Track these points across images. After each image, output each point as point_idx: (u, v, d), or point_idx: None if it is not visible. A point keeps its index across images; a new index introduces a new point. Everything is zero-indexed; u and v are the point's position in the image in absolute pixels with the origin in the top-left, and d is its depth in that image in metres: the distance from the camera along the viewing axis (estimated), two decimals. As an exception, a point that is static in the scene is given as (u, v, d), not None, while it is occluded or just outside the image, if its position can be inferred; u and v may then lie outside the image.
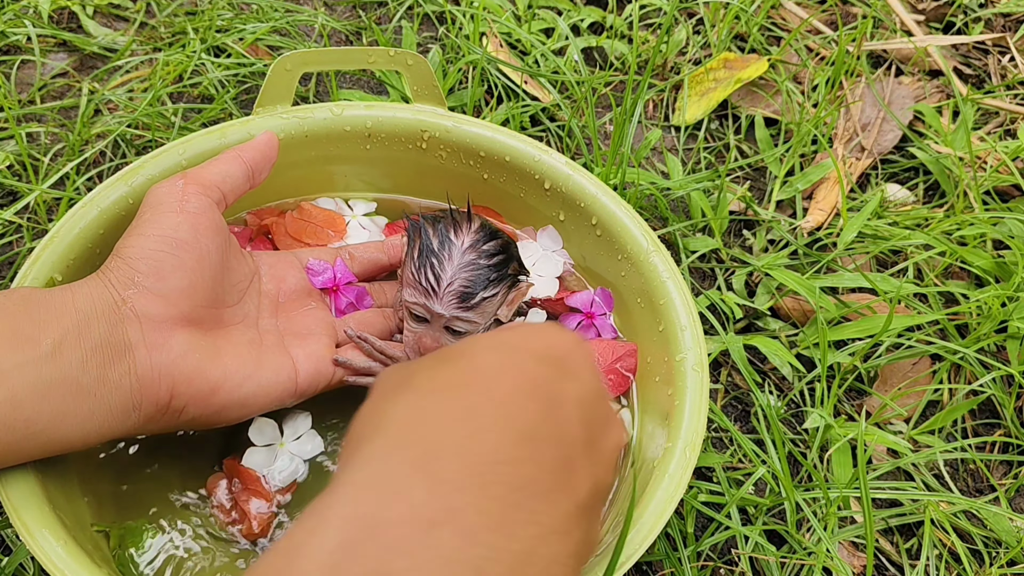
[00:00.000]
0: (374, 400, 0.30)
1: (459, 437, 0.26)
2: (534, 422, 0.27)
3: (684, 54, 0.80)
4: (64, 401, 0.36)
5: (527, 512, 0.25)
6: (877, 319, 0.60)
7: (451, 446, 0.25)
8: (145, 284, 0.39)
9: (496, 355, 0.30)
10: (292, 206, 0.56)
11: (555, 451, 0.27)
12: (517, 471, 0.25)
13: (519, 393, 0.28)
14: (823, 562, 0.49)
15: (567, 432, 0.28)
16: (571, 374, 0.30)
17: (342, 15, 0.81)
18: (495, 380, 0.28)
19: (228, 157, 0.45)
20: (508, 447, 0.26)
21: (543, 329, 0.32)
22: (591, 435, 0.30)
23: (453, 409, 0.27)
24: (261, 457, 0.45)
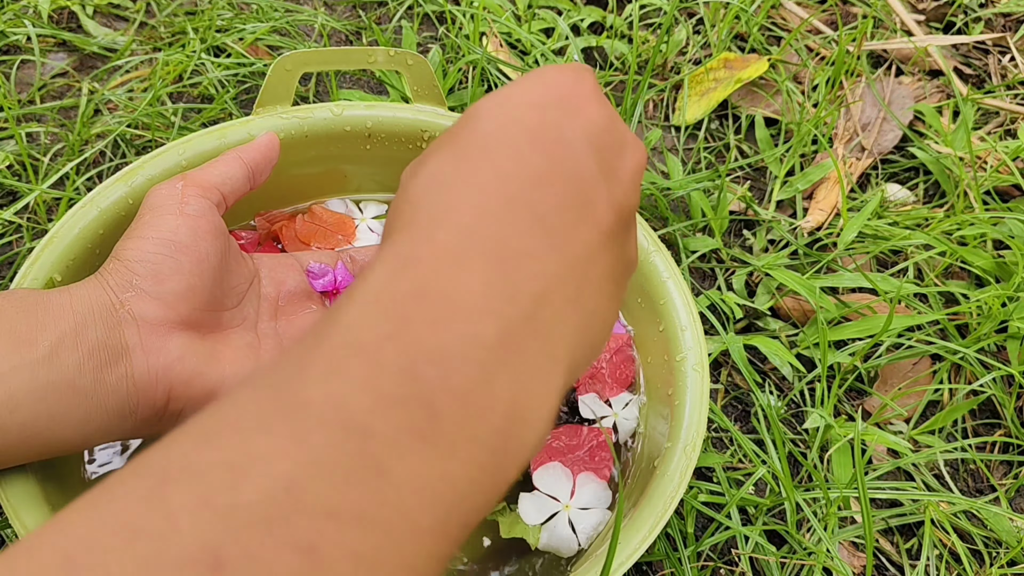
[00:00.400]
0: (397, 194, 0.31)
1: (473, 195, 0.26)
2: (540, 168, 0.28)
3: (684, 54, 0.80)
4: (61, 404, 0.36)
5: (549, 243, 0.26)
6: (877, 319, 0.60)
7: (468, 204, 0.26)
8: (143, 287, 0.39)
9: (494, 117, 0.29)
10: (304, 210, 0.56)
11: (567, 188, 0.28)
12: (534, 209, 0.26)
13: (520, 146, 0.28)
14: (823, 562, 0.49)
15: (578, 168, 0.28)
16: (574, 110, 0.30)
17: (342, 15, 0.81)
18: (496, 141, 0.28)
19: (228, 159, 0.45)
20: (521, 192, 0.27)
21: (541, 74, 0.31)
22: (606, 164, 0.30)
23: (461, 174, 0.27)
24: None
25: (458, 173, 0.28)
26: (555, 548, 0.44)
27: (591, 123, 0.30)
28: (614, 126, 0.31)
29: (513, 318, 0.24)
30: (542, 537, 0.44)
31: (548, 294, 0.25)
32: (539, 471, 0.46)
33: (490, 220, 0.26)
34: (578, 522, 0.45)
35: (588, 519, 0.45)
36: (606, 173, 0.29)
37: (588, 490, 0.46)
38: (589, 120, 0.30)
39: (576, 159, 0.29)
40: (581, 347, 0.27)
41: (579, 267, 0.27)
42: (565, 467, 0.47)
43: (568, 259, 0.27)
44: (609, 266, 0.29)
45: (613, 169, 0.30)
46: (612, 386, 0.50)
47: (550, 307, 0.25)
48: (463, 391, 0.22)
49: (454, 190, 0.27)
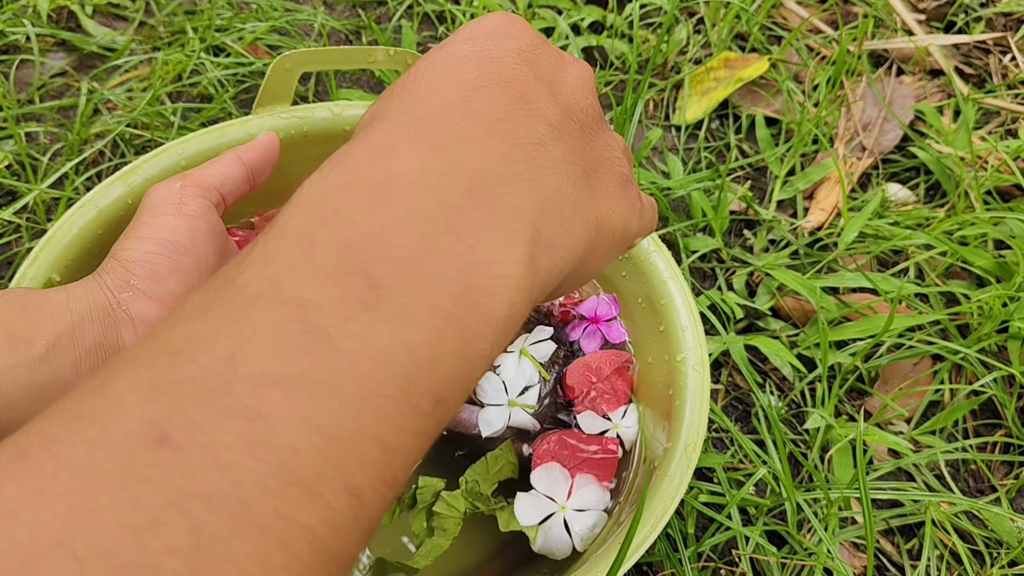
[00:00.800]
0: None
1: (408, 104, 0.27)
2: (472, 78, 0.28)
3: (684, 53, 0.80)
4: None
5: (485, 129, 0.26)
6: (878, 319, 0.60)
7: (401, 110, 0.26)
8: (140, 287, 0.39)
9: (428, 58, 0.30)
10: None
11: (504, 91, 0.28)
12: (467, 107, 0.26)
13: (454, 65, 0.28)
14: (824, 563, 0.49)
15: (512, 75, 0.28)
16: (503, 35, 0.30)
17: (342, 14, 0.81)
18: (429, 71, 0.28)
19: (227, 159, 0.45)
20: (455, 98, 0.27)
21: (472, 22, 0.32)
22: (541, 73, 0.30)
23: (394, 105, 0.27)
24: None
25: (392, 102, 0.28)
26: (549, 550, 0.44)
27: (521, 42, 0.30)
28: (546, 46, 0.31)
29: (454, 190, 0.24)
30: (538, 539, 0.44)
31: (494, 168, 0.25)
32: (537, 471, 0.46)
33: (424, 119, 0.26)
34: (573, 524, 0.44)
35: (584, 521, 0.44)
36: (544, 76, 0.29)
37: (585, 492, 0.46)
38: (519, 40, 0.30)
39: (509, 69, 0.28)
40: (546, 223, 0.26)
41: (527, 149, 0.26)
42: (564, 468, 0.46)
43: (512, 141, 0.26)
44: (567, 152, 0.28)
45: (551, 77, 0.30)
46: (610, 402, 0.50)
47: (498, 181, 0.25)
48: (404, 261, 0.22)
49: (389, 109, 0.27)
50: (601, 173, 0.30)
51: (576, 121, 0.30)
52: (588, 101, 0.31)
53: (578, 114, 0.30)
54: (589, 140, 0.30)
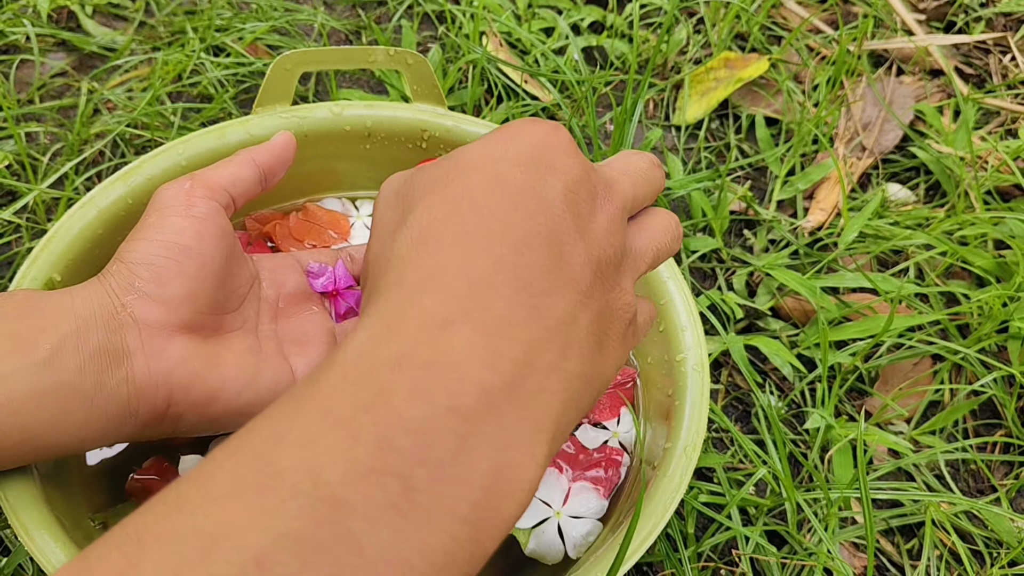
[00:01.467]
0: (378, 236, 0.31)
1: (460, 256, 0.27)
2: (524, 230, 0.29)
3: (684, 53, 0.80)
4: (61, 407, 0.36)
5: (532, 308, 0.27)
6: (878, 319, 0.60)
7: (454, 265, 0.27)
8: (145, 290, 0.39)
9: (482, 173, 0.30)
10: (299, 207, 0.56)
11: (548, 251, 0.29)
12: (518, 275, 0.27)
13: (507, 206, 0.29)
14: (824, 563, 0.49)
15: (557, 228, 0.29)
16: (553, 168, 0.31)
17: (342, 14, 0.81)
18: (484, 198, 0.29)
19: (240, 160, 0.44)
20: (506, 257, 0.27)
21: (519, 129, 0.32)
22: (581, 219, 0.31)
23: (451, 233, 0.28)
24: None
25: (447, 230, 0.28)
26: (541, 555, 0.44)
27: (567, 178, 0.31)
28: (587, 178, 0.32)
29: (494, 387, 0.24)
30: (530, 543, 0.44)
31: (530, 361, 0.26)
32: None
33: (476, 286, 0.26)
34: (568, 530, 0.44)
35: (578, 528, 0.44)
36: (581, 228, 0.30)
37: (582, 499, 0.45)
38: (566, 175, 0.31)
39: (555, 219, 0.29)
40: (567, 412, 0.27)
41: (560, 330, 0.27)
42: (562, 474, 0.46)
43: (549, 323, 0.27)
44: (591, 324, 0.29)
45: (588, 223, 0.31)
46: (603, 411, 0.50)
47: (532, 375, 0.25)
48: (440, 463, 0.22)
49: (442, 250, 0.28)
50: (611, 329, 0.31)
51: (601, 277, 0.31)
52: (615, 246, 0.32)
53: (604, 267, 0.31)
54: (608, 293, 0.31)
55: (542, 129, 0.32)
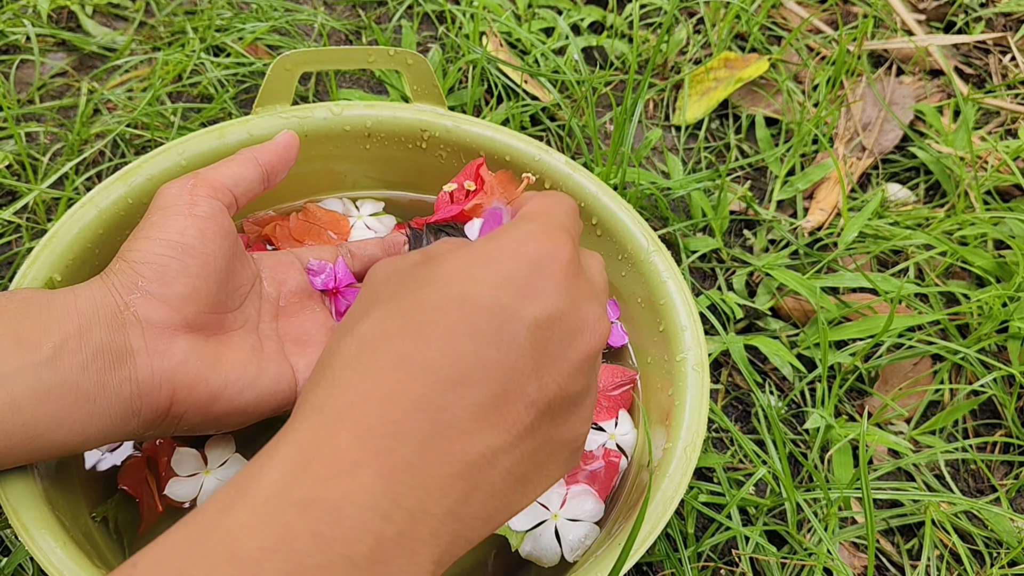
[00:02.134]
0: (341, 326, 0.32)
1: (387, 386, 0.28)
2: (465, 364, 0.28)
3: (684, 53, 0.80)
4: (63, 406, 0.36)
5: (442, 452, 0.27)
6: (878, 319, 0.60)
7: (377, 396, 0.27)
8: (149, 289, 0.39)
9: (447, 290, 0.30)
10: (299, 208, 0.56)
11: (488, 386, 0.28)
12: (437, 417, 0.27)
13: (459, 333, 0.29)
14: (824, 563, 0.49)
15: (510, 363, 0.29)
16: (533, 296, 0.30)
17: (342, 14, 0.81)
18: (436, 318, 0.29)
19: (243, 159, 0.44)
20: (432, 394, 0.28)
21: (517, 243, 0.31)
22: (548, 352, 0.30)
23: (387, 356, 0.28)
24: (186, 488, 0.45)
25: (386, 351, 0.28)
26: (537, 557, 0.44)
27: (546, 311, 0.30)
28: (573, 311, 0.31)
29: (387, 536, 0.25)
30: (526, 545, 0.44)
31: (426, 509, 0.26)
32: None
33: (391, 425, 0.27)
34: (565, 533, 0.44)
35: (575, 531, 0.44)
36: (542, 367, 0.29)
37: (579, 502, 0.45)
38: (545, 307, 0.30)
39: (512, 354, 0.29)
40: (455, 550, 0.28)
41: (468, 476, 0.28)
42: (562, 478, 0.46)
43: (456, 469, 0.27)
44: (514, 464, 0.29)
45: (553, 361, 0.30)
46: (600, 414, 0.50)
47: (427, 522, 0.26)
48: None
49: (372, 375, 0.28)
50: (546, 463, 0.31)
51: (549, 415, 0.30)
52: (580, 384, 0.31)
53: (557, 406, 0.30)
54: (554, 430, 0.30)
55: (543, 246, 0.31)
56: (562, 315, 0.30)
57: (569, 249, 0.31)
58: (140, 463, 0.45)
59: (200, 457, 0.45)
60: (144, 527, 0.44)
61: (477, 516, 0.28)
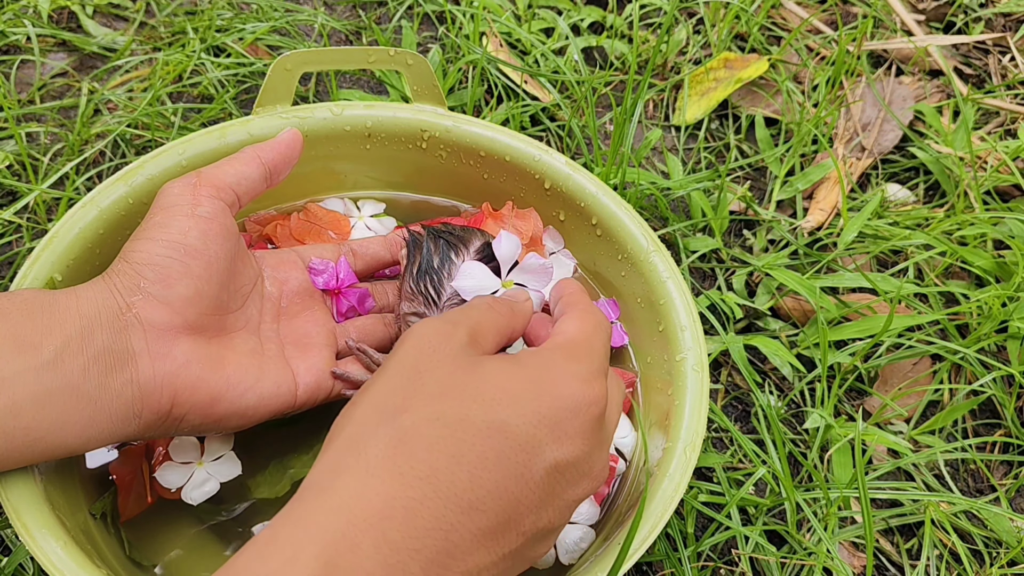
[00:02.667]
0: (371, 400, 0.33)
1: (415, 500, 0.29)
2: (484, 491, 0.31)
3: (684, 54, 0.80)
4: (64, 408, 0.36)
5: (443, 569, 0.29)
6: (877, 319, 0.60)
7: (403, 509, 0.29)
8: (151, 291, 0.38)
9: (489, 411, 0.32)
10: (300, 208, 0.56)
11: (497, 516, 0.31)
12: (447, 537, 0.30)
13: (488, 461, 0.31)
14: (823, 562, 0.49)
15: (523, 497, 0.31)
16: (561, 439, 0.33)
17: (342, 15, 0.81)
18: (474, 441, 0.31)
19: (245, 158, 0.44)
20: (449, 514, 0.30)
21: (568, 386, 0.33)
22: (551, 494, 0.33)
23: (423, 465, 0.30)
24: (175, 475, 0.45)
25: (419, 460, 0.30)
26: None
27: (567, 456, 0.33)
28: (587, 458, 0.34)
29: None
30: None
31: None
32: None
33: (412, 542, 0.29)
34: (561, 536, 0.44)
35: (572, 534, 0.44)
36: (546, 503, 0.33)
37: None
38: (568, 452, 0.33)
39: (526, 489, 0.31)
40: None
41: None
42: None
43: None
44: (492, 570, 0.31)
45: (555, 498, 0.33)
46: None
47: None
48: None
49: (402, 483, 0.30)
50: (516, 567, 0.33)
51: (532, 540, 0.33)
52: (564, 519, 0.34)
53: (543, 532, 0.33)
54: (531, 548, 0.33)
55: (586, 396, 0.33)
56: (578, 461, 0.33)
57: (603, 402, 0.34)
58: (137, 451, 0.46)
59: (198, 447, 0.46)
60: (127, 515, 0.44)
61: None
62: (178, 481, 0.45)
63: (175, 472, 0.45)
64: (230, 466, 0.46)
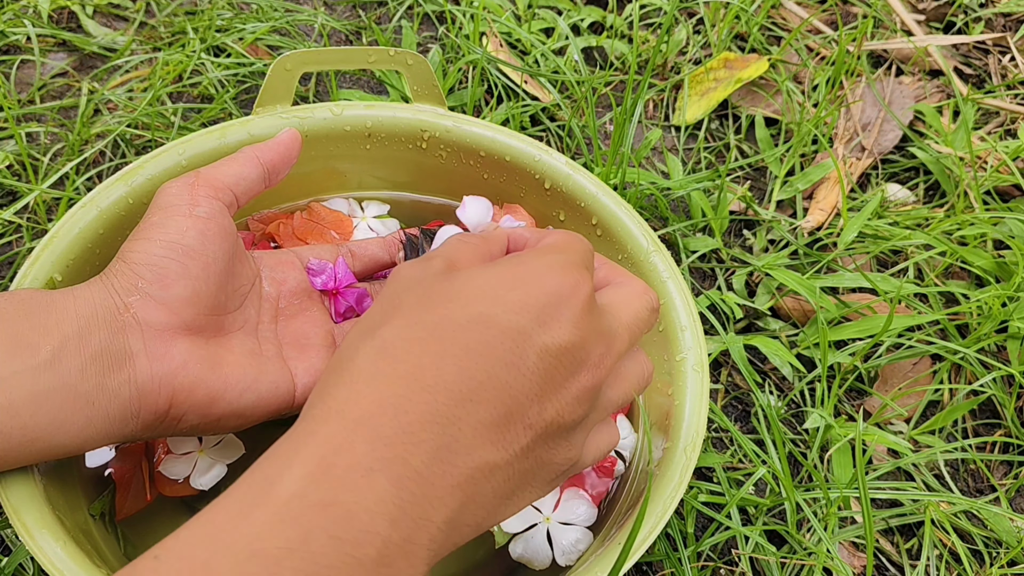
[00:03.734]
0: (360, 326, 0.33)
1: (403, 396, 0.29)
2: (478, 381, 0.30)
3: (684, 54, 0.80)
4: (62, 409, 0.36)
5: (448, 464, 0.29)
6: (877, 319, 0.60)
7: (393, 405, 0.29)
8: (148, 291, 0.38)
9: (469, 308, 0.31)
10: (303, 207, 0.56)
11: (495, 408, 0.30)
12: (446, 430, 0.29)
13: (475, 351, 0.30)
14: (823, 562, 0.49)
15: (518, 386, 0.31)
16: (549, 325, 0.32)
17: (342, 15, 0.81)
18: (456, 335, 0.31)
19: (244, 158, 0.44)
20: (442, 407, 0.29)
21: (541, 273, 0.33)
22: (552, 380, 0.32)
23: (406, 365, 0.30)
24: (180, 466, 0.45)
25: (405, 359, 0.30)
26: (528, 560, 0.44)
27: (558, 340, 0.32)
28: (581, 345, 0.33)
29: (392, 542, 0.27)
30: (517, 547, 0.44)
31: (429, 517, 0.28)
32: None
33: (404, 435, 0.28)
34: (557, 537, 0.44)
35: (568, 535, 0.44)
36: (546, 393, 0.32)
37: (572, 506, 0.45)
38: (559, 337, 0.32)
39: (520, 378, 0.31)
40: (442, 551, 0.30)
41: (468, 487, 0.30)
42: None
43: (459, 480, 0.29)
44: (507, 480, 0.31)
45: (557, 389, 0.32)
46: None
47: (427, 528, 0.28)
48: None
49: (390, 382, 0.29)
50: (534, 480, 0.33)
51: (544, 439, 0.32)
52: (577, 413, 0.33)
53: (553, 431, 0.32)
54: (547, 452, 0.33)
55: (566, 280, 0.33)
56: (571, 347, 0.32)
57: (588, 287, 0.33)
58: (136, 449, 0.46)
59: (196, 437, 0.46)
60: (125, 513, 0.44)
61: (468, 524, 0.30)
62: (184, 471, 0.45)
63: (178, 463, 0.45)
64: (232, 448, 0.46)
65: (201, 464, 0.45)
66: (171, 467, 0.45)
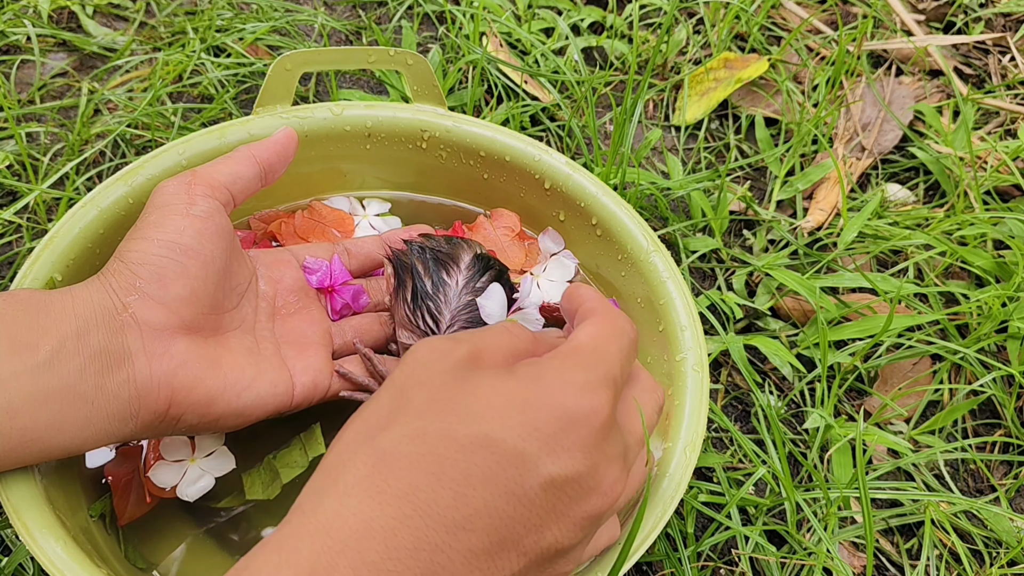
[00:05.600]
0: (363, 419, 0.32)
1: (394, 519, 0.28)
2: (472, 509, 0.29)
3: (684, 54, 0.80)
4: (61, 409, 0.36)
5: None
6: (877, 319, 0.60)
7: (381, 529, 0.28)
8: (147, 290, 0.38)
9: (473, 427, 0.30)
10: (303, 206, 0.56)
11: (488, 537, 0.29)
12: (433, 558, 0.28)
13: (474, 476, 0.29)
14: (823, 562, 0.49)
15: (517, 516, 0.29)
16: (558, 452, 0.30)
17: (342, 15, 0.81)
18: (456, 457, 0.29)
19: (240, 157, 0.44)
20: (432, 534, 0.28)
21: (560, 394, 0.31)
22: (551, 513, 0.30)
23: (401, 484, 0.29)
24: (169, 474, 0.45)
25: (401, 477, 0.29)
26: None
27: (566, 470, 0.30)
28: (591, 472, 0.31)
29: None
30: None
31: None
32: None
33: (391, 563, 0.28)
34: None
35: None
36: (544, 524, 0.30)
37: None
38: (567, 465, 0.30)
39: (520, 507, 0.29)
40: None
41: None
42: None
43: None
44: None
45: (558, 517, 0.30)
46: None
47: None
48: None
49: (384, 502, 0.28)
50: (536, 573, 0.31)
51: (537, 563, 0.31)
52: (575, 539, 0.31)
53: (549, 554, 0.31)
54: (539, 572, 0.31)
55: (583, 405, 0.31)
56: (579, 477, 0.30)
57: (607, 413, 0.31)
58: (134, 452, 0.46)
59: (189, 444, 0.46)
60: (128, 518, 0.44)
61: None
62: (172, 479, 0.45)
63: (168, 470, 0.45)
64: (223, 460, 0.46)
65: (191, 474, 0.45)
66: (160, 475, 0.45)
